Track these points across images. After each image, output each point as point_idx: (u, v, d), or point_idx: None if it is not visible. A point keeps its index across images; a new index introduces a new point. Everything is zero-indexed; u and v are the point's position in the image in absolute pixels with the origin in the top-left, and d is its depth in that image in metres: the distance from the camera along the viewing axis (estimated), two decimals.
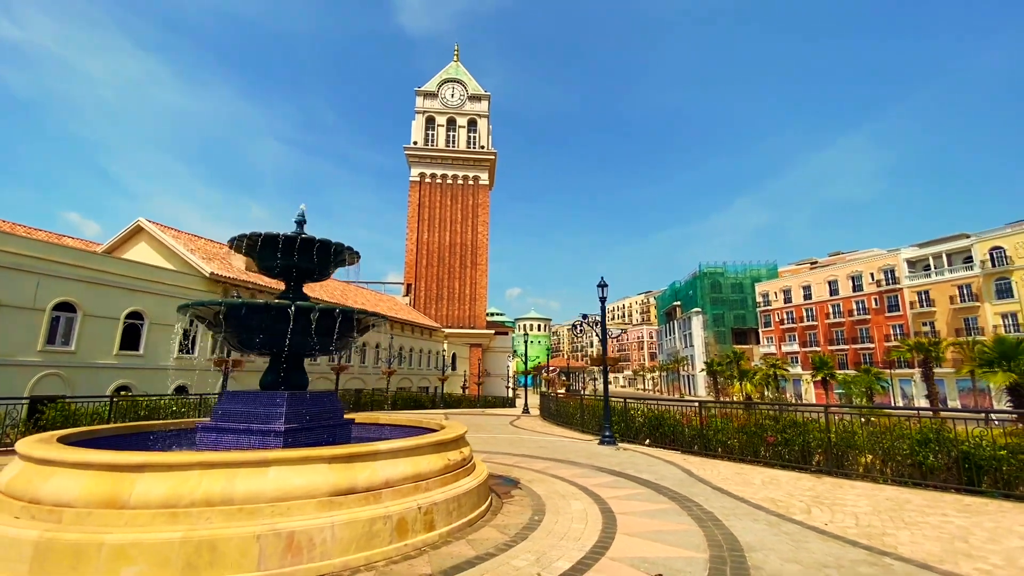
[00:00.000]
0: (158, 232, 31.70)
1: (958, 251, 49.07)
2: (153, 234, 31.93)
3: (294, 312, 6.19)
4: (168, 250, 31.39)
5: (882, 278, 55.06)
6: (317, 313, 6.31)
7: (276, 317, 6.28)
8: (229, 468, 4.61)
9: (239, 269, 33.91)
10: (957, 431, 8.05)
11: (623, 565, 4.73)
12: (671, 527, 5.97)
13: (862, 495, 7.65)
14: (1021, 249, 43.47)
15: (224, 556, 4.18)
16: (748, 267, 79.45)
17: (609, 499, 7.28)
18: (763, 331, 70.72)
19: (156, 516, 4.29)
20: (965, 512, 6.68)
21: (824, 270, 64.70)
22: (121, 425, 7.60)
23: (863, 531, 5.82)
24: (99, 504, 4.32)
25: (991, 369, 19.81)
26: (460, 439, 6.76)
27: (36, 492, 4.48)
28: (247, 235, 6.79)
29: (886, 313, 54.20)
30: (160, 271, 27.92)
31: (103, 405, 14.03)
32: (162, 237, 31.50)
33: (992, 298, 45.26)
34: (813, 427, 9.75)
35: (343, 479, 4.97)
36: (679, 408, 13.17)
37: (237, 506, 4.47)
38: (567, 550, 5.12)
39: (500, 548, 5.18)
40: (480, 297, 61.84)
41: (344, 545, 4.63)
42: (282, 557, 4.34)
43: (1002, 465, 7.53)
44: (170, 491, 4.39)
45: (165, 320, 27.35)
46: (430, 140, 65.65)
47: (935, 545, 5.34)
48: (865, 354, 55.74)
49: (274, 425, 6.27)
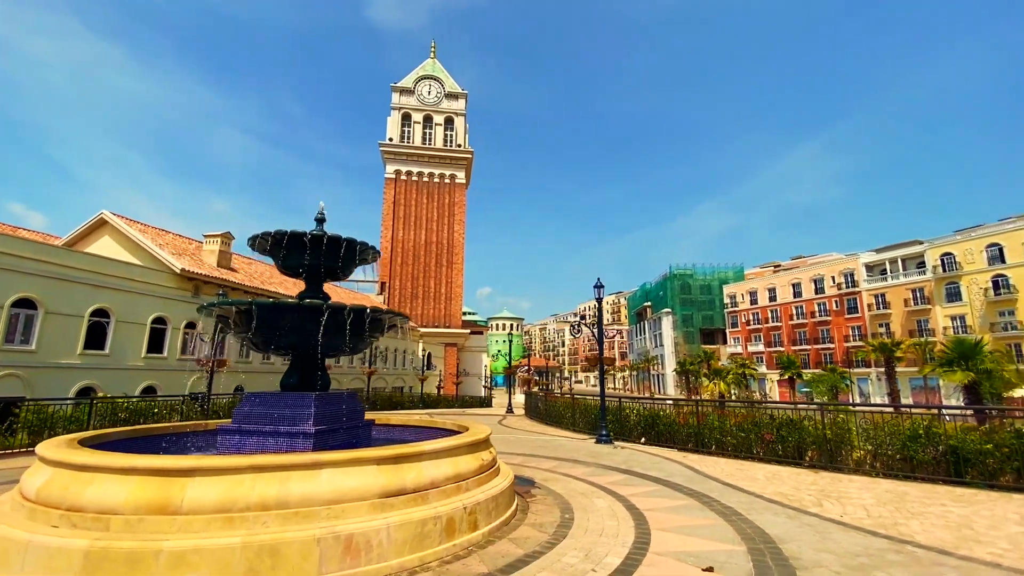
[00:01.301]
0: (123, 226, 30.31)
1: (912, 256, 51.87)
2: (118, 227, 30.52)
3: (327, 312, 6.09)
4: (134, 245, 30.06)
5: (842, 281, 57.65)
6: (351, 313, 6.23)
7: (307, 317, 6.17)
8: (282, 471, 4.53)
9: (210, 265, 32.80)
10: (947, 427, 8.59)
11: (670, 559, 4.89)
12: (699, 522, 6.17)
13: (862, 488, 8.08)
14: (969, 255, 46.30)
15: (286, 560, 4.11)
16: (716, 269, 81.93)
17: (629, 496, 7.45)
18: (730, 331, 72.93)
19: (211, 521, 4.18)
20: (960, 502, 7.16)
21: (788, 273, 67.25)
22: (131, 428, 7.29)
23: (877, 522, 6.17)
24: (149, 510, 4.17)
25: (951, 368, 21.14)
26: (488, 440, 6.79)
27: (77, 499, 4.29)
28: (272, 233, 6.63)
29: (846, 315, 56.78)
30: (128, 267, 26.72)
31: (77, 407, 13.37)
32: (128, 231, 30.14)
33: (943, 301, 48.06)
34: (808, 424, 10.20)
35: (392, 480, 4.95)
36: (672, 407, 13.51)
37: (293, 509, 4.40)
38: (611, 546, 5.24)
39: (545, 546, 5.26)
40: (456, 296, 61.56)
41: (399, 546, 4.61)
42: (341, 560, 4.31)
43: (987, 459, 8.08)
44: (224, 495, 4.29)
45: (133, 318, 26.23)
46: (406, 137, 64.93)
47: (946, 533, 5.72)
48: (826, 354, 58.25)
49: (303, 427, 6.16)
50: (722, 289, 76.37)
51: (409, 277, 62.39)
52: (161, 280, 28.19)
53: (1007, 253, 43.97)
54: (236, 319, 6.52)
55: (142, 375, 26.77)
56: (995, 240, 44.96)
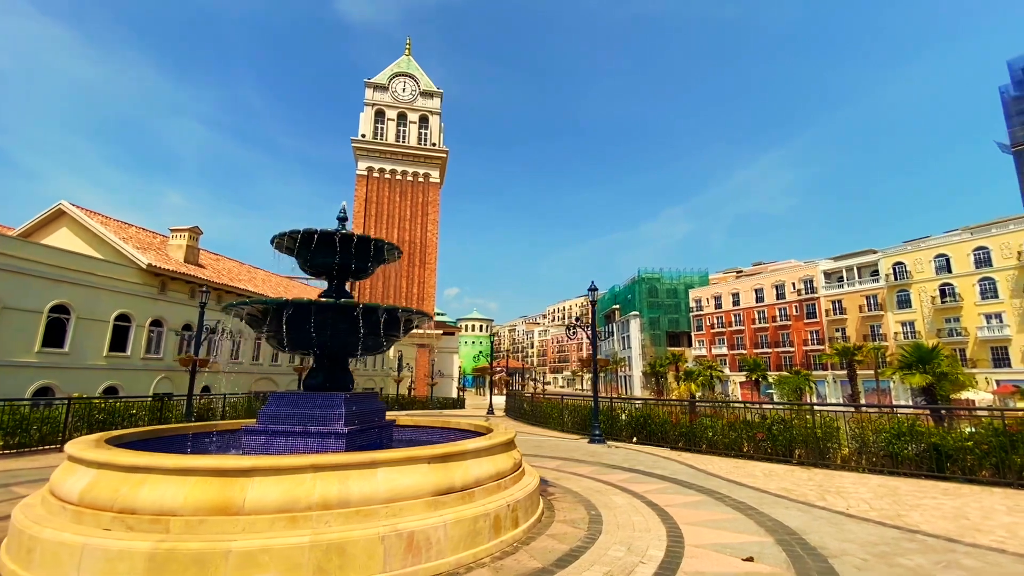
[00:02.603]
0: (84, 217, 28.85)
1: (867, 265, 54.81)
2: (77, 219, 29.04)
3: (361, 312, 6.08)
4: (96, 238, 28.66)
5: (802, 287, 60.33)
6: (384, 313, 6.23)
7: (341, 316, 6.14)
8: (341, 470, 4.52)
9: (177, 261, 31.56)
10: (929, 426, 9.24)
11: (709, 551, 5.13)
12: (719, 516, 6.46)
13: (856, 484, 8.60)
14: (919, 265, 49.32)
15: (352, 559, 4.12)
16: (682, 274, 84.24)
17: (644, 493, 7.70)
18: (695, 334, 75.09)
19: (275, 521, 4.15)
20: (948, 495, 7.73)
21: (751, 278, 69.84)
22: (146, 429, 7.02)
23: (882, 514, 6.61)
24: (210, 511, 4.10)
25: (910, 372, 22.56)
26: (514, 440, 6.90)
27: (130, 501, 4.17)
28: (300, 231, 6.56)
29: (805, 319, 59.44)
30: (91, 261, 25.47)
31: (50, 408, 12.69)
32: (88, 223, 28.71)
33: (894, 308, 50.98)
34: (799, 423, 10.74)
35: (443, 479, 5.00)
36: (664, 407, 13.93)
37: (354, 508, 4.40)
38: (648, 540, 5.44)
39: (585, 541, 5.42)
40: (429, 296, 61.03)
41: (454, 543, 4.68)
42: (403, 558, 4.34)
43: (967, 455, 8.74)
44: (285, 494, 4.26)
45: (95, 315, 25.04)
46: (379, 134, 63.97)
47: (947, 523, 6.19)
48: (786, 357, 60.82)
49: (335, 427, 6.12)
50: (688, 293, 78.60)
51: (380, 276, 61.39)
52: (125, 275, 26.98)
53: (953, 263, 47.07)
54: (260, 317, 6.41)
55: (104, 375, 25.56)
56: (942, 251, 48.05)
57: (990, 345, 44.32)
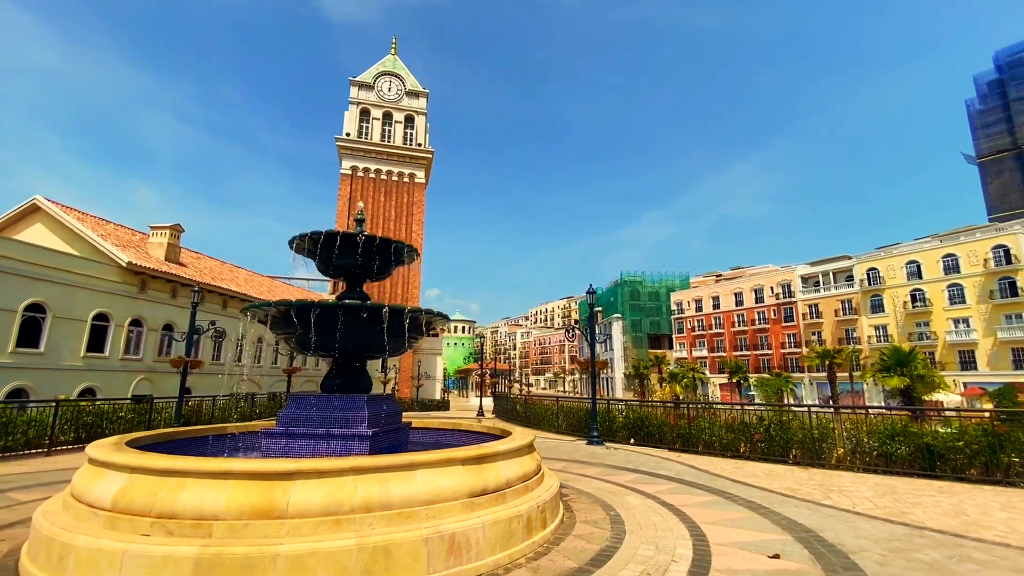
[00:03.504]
0: (60, 213, 27.94)
1: (842, 270, 56.43)
2: (53, 215, 28.11)
3: (388, 314, 6.07)
4: (72, 234, 27.79)
5: (780, 291, 61.76)
6: (409, 315, 6.23)
7: (366, 318, 6.11)
8: (382, 472, 4.52)
9: (158, 259, 30.78)
10: (923, 427, 9.61)
11: (734, 549, 5.27)
12: (734, 515, 6.63)
13: (855, 482, 8.89)
14: (891, 271, 51.00)
15: (398, 561, 4.13)
16: (664, 277, 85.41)
17: (657, 494, 7.84)
18: (676, 337, 76.19)
19: (320, 524, 4.13)
20: (943, 493, 8.06)
21: (731, 282, 71.20)
22: (158, 432, 6.86)
23: (887, 511, 6.87)
24: (254, 515, 4.06)
25: (889, 374, 23.38)
26: (534, 443, 6.96)
27: (169, 506, 4.10)
28: (322, 233, 6.52)
29: (783, 323, 60.85)
30: (68, 258, 24.69)
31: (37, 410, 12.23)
32: (65, 219, 27.83)
33: (868, 312, 52.59)
34: (795, 424, 11.05)
35: (478, 480, 5.04)
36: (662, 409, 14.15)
37: (396, 510, 4.41)
38: (673, 540, 5.56)
39: (613, 540, 5.51)
40: (414, 298, 60.56)
41: (492, 544, 4.72)
42: (446, 559, 4.37)
43: (957, 455, 9.12)
44: (328, 497, 4.24)
45: (72, 314, 24.29)
46: (364, 133, 63.41)
47: (949, 520, 6.47)
48: (764, 359, 62.15)
49: (358, 429, 6.09)
50: (669, 296, 79.69)
51: None
52: (104, 273, 26.23)
53: (924, 270, 48.80)
54: (282, 320, 6.34)
55: (80, 376, 24.80)
56: (914, 258, 49.79)
57: (958, 349, 46.04)
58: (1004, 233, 45.87)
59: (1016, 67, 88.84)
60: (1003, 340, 43.32)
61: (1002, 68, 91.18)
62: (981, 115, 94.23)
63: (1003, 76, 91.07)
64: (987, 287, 44.98)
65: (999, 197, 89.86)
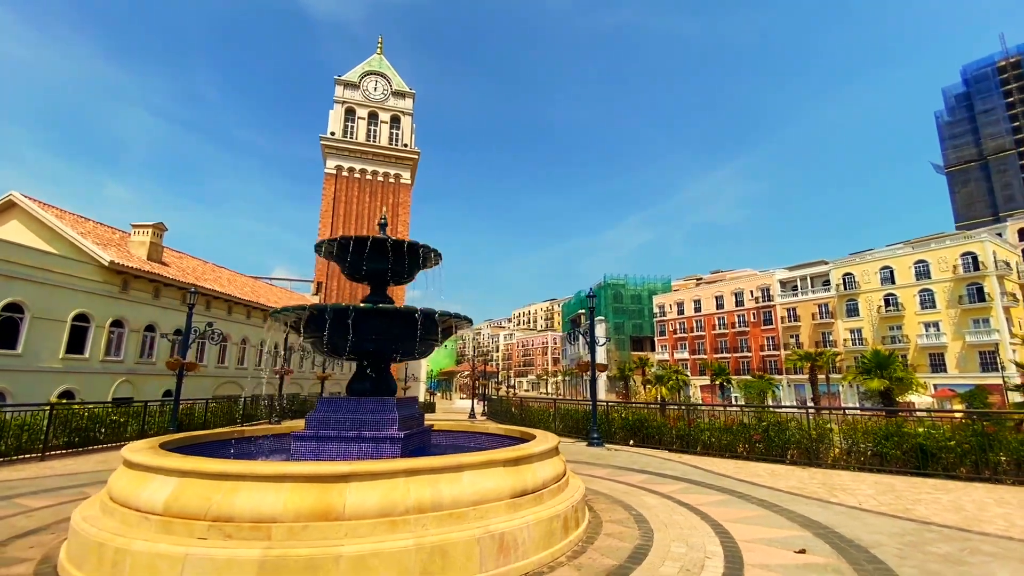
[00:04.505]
0: (37, 210, 27.10)
1: (819, 275, 58.08)
2: (30, 211, 27.24)
3: (421, 317, 6.15)
4: (51, 232, 26.97)
5: (759, 295, 63.24)
6: (443, 318, 6.32)
7: (400, 321, 6.19)
8: (432, 474, 4.62)
9: (140, 258, 30.05)
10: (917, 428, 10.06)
11: (761, 545, 5.50)
12: (750, 514, 6.88)
13: (854, 481, 9.26)
14: (866, 276, 52.70)
15: (453, 561, 4.24)
16: (646, 280, 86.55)
17: (671, 494, 8.06)
18: (658, 339, 77.29)
19: (376, 525, 4.21)
20: (939, 490, 8.46)
21: (712, 286, 72.58)
22: (183, 436, 6.78)
23: (892, 508, 7.21)
24: (312, 517, 4.12)
25: (869, 376, 24.24)
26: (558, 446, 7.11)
27: (226, 509, 4.12)
28: (352, 238, 6.57)
29: (762, 326, 62.31)
30: (48, 257, 23.97)
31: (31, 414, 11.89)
32: (43, 216, 27.00)
33: (843, 316, 54.23)
34: (793, 425, 11.43)
35: (518, 481, 5.16)
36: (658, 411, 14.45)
37: (447, 511, 4.51)
38: (701, 538, 5.76)
39: (644, 538, 5.69)
40: (398, 300, 59.75)
41: (536, 543, 4.85)
42: (496, 558, 4.48)
43: (948, 454, 9.58)
44: (383, 499, 4.32)
45: (51, 314, 23.59)
46: (349, 132, 62.88)
47: (951, 515, 6.83)
48: (743, 362, 63.52)
49: (389, 431, 6.16)
50: (651, 299, 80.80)
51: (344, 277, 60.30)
52: (85, 272, 25.52)
53: (897, 275, 50.57)
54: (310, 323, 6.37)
55: (59, 378, 24.07)
56: (887, 263, 51.55)
57: (928, 352, 47.81)
58: (972, 241, 47.87)
59: (982, 81, 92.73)
60: (971, 344, 45.14)
61: (969, 82, 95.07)
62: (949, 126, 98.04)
63: (970, 89, 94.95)
64: (956, 292, 46.83)
65: (966, 206, 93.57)
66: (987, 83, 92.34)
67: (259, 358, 38.64)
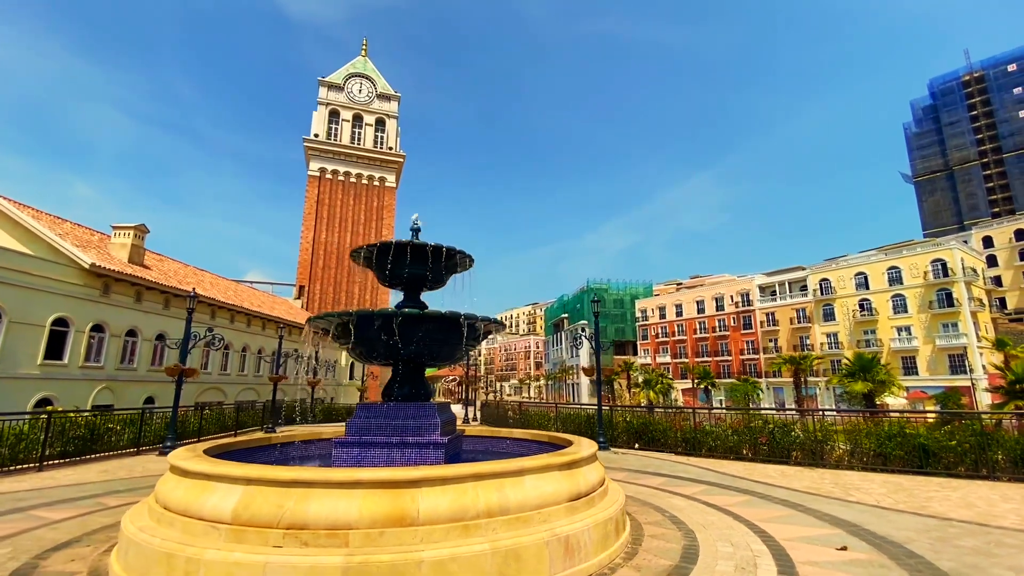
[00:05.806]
0: (13, 210, 26.14)
1: (797, 280, 59.69)
2: (4, 211, 26.21)
3: (465, 323, 6.19)
4: (27, 233, 26.01)
5: (739, 300, 64.63)
6: (481, 323, 6.37)
7: (442, 327, 6.21)
8: (497, 478, 4.66)
9: (121, 261, 29.18)
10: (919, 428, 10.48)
11: (802, 544, 5.69)
12: (779, 514, 7.08)
13: (863, 481, 9.60)
14: (842, 281, 54.39)
15: (526, 564, 4.29)
16: (628, 285, 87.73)
17: (695, 496, 8.24)
18: (640, 343, 78.20)
19: (450, 530, 4.24)
20: (945, 488, 8.83)
21: (693, 291, 73.88)
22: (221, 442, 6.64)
23: (908, 505, 7.51)
24: (387, 523, 4.13)
25: (853, 379, 25.05)
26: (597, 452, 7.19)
27: (300, 517, 4.09)
28: (392, 243, 6.59)
29: (742, 330, 63.66)
30: (26, 259, 23.13)
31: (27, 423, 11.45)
32: (19, 217, 26.05)
33: (820, 320, 55.82)
34: (799, 427, 11.78)
35: (573, 485, 5.24)
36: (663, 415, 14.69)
37: (513, 515, 4.56)
38: (743, 538, 5.92)
39: (688, 539, 5.82)
40: (382, 303, 59.68)
41: (595, 546, 4.93)
42: (563, 560, 4.55)
43: (949, 454, 10.01)
44: (454, 503, 4.35)
45: (29, 318, 22.75)
46: (333, 134, 62.29)
47: (966, 511, 7.15)
48: (724, 365, 64.75)
49: (432, 437, 6.18)
50: (634, 303, 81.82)
51: (332, 281, 59.64)
52: (65, 275, 24.68)
53: (870, 281, 52.32)
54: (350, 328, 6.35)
55: (37, 385, 23.21)
56: (861, 269, 53.31)
57: (901, 355, 49.54)
58: (941, 248, 49.89)
59: (948, 95, 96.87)
60: (941, 347, 46.96)
61: (936, 95, 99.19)
62: (917, 137, 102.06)
63: (937, 103, 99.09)
64: (927, 298, 48.70)
65: (933, 214, 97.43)
66: (953, 96, 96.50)
67: (242, 364, 37.82)
